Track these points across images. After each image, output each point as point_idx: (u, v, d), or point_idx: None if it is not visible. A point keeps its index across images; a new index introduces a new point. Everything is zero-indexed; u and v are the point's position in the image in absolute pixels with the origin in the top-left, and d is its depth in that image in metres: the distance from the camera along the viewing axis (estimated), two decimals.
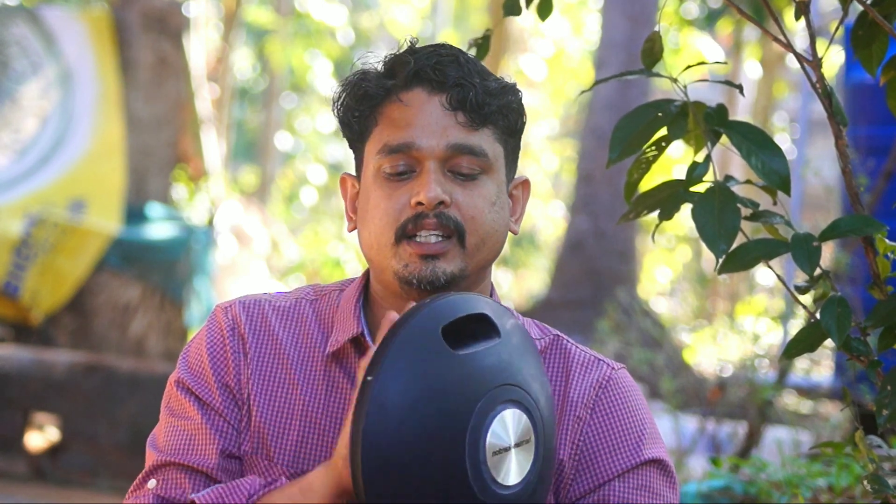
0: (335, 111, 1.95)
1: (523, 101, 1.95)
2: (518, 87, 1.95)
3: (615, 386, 1.92)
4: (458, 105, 1.87)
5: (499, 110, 1.89)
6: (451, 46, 1.93)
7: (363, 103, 1.91)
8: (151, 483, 1.89)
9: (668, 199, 1.93)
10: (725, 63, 2.09)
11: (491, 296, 1.95)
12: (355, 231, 1.95)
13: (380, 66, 1.93)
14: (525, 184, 1.98)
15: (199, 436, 1.89)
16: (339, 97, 1.94)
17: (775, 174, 1.90)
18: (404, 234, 1.85)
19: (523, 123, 1.95)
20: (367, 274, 1.99)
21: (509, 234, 1.95)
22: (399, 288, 1.88)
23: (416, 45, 1.93)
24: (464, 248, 1.86)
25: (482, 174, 1.88)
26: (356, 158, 1.96)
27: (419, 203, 1.85)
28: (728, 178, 1.93)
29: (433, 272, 1.84)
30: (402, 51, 1.92)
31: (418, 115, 1.87)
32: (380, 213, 1.87)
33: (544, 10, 2.37)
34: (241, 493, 1.83)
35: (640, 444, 1.89)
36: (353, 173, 1.98)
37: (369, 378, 1.69)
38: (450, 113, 1.87)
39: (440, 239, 1.85)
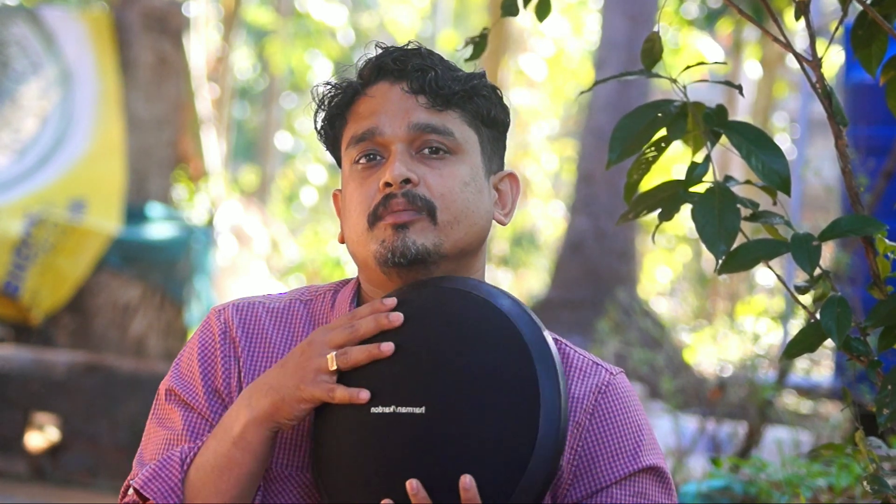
0: (314, 126, 1.98)
1: (500, 95, 1.96)
2: (486, 76, 1.96)
3: (614, 391, 1.92)
4: (418, 88, 1.90)
5: (463, 93, 1.91)
6: (417, 43, 1.96)
7: (334, 108, 1.94)
8: (131, 490, 1.89)
9: (668, 199, 1.93)
10: (725, 63, 2.09)
11: None
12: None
13: (344, 77, 1.97)
14: (512, 177, 2.00)
15: (179, 445, 1.89)
16: (315, 111, 1.97)
17: (775, 174, 1.90)
18: (377, 217, 1.86)
19: (501, 116, 1.96)
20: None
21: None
22: (382, 274, 1.88)
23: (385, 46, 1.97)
24: (435, 223, 1.86)
25: (451, 154, 1.90)
26: (341, 169, 1.99)
27: (386, 184, 1.86)
28: (728, 178, 1.93)
29: (403, 242, 1.85)
30: (367, 56, 1.96)
31: (382, 103, 1.90)
32: (354, 204, 1.89)
33: (542, 10, 2.37)
34: (174, 461, 1.84)
35: (639, 451, 1.89)
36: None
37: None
38: (411, 96, 1.90)
39: (409, 210, 1.86)
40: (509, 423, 1.70)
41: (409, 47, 1.94)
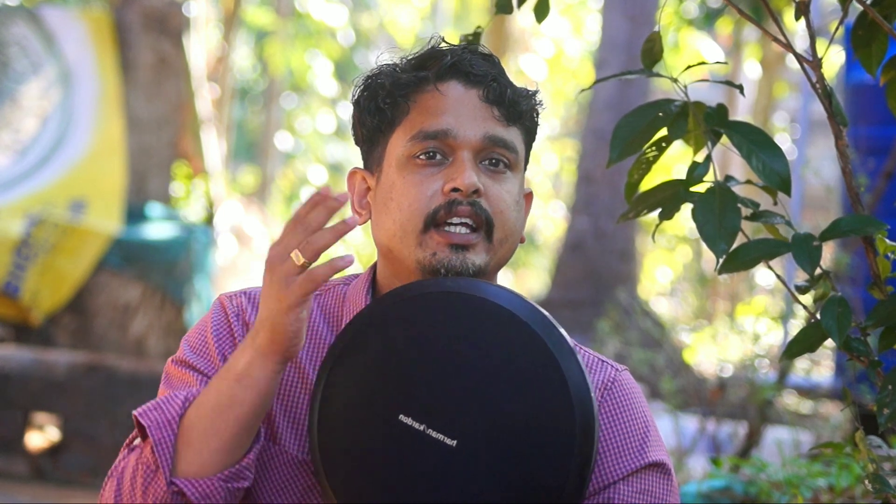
0: (359, 100, 1.94)
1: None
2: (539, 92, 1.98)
3: (620, 388, 1.93)
4: (495, 99, 1.89)
5: (527, 111, 1.92)
6: (481, 46, 1.97)
7: (397, 90, 1.91)
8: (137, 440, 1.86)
9: (668, 199, 1.94)
10: (725, 63, 2.09)
11: None
12: (359, 227, 1.94)
13: (403, 62, 1.94)
14: (529, 196, 2.00)
15: None
16: (368, 85, 1.93)
17: (776, 174, 1.90)
18: (434, 221, 1.85)
19: (537, 132, 1.98)
20: (373, 268, 1.98)
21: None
22: (421, 277, 1.87)
23: (442, 44, 1.95)
24: (490, 242, 1.87)
25: (510, 170, 1.90)
26: (374, 150, 1.94)
27: (454, 189, 1.85)
28: (728, 178, 1.93)
29: (462, 263, 1.84)
30: (429, 47, 1.94)
31: (456, 105, 1.89)
32: (409, 200, 1.87)
33: (541, 11, 2.37)
34: (178, 398, 1.81)
35: (645, 447, 1.90)
36: (362, 168, 1.97)
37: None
38: (487, 106, 1.89)
39: (469, 231, 1.86)
40: (540, 468, 1.71)
41: (479, 50, 1.93)
